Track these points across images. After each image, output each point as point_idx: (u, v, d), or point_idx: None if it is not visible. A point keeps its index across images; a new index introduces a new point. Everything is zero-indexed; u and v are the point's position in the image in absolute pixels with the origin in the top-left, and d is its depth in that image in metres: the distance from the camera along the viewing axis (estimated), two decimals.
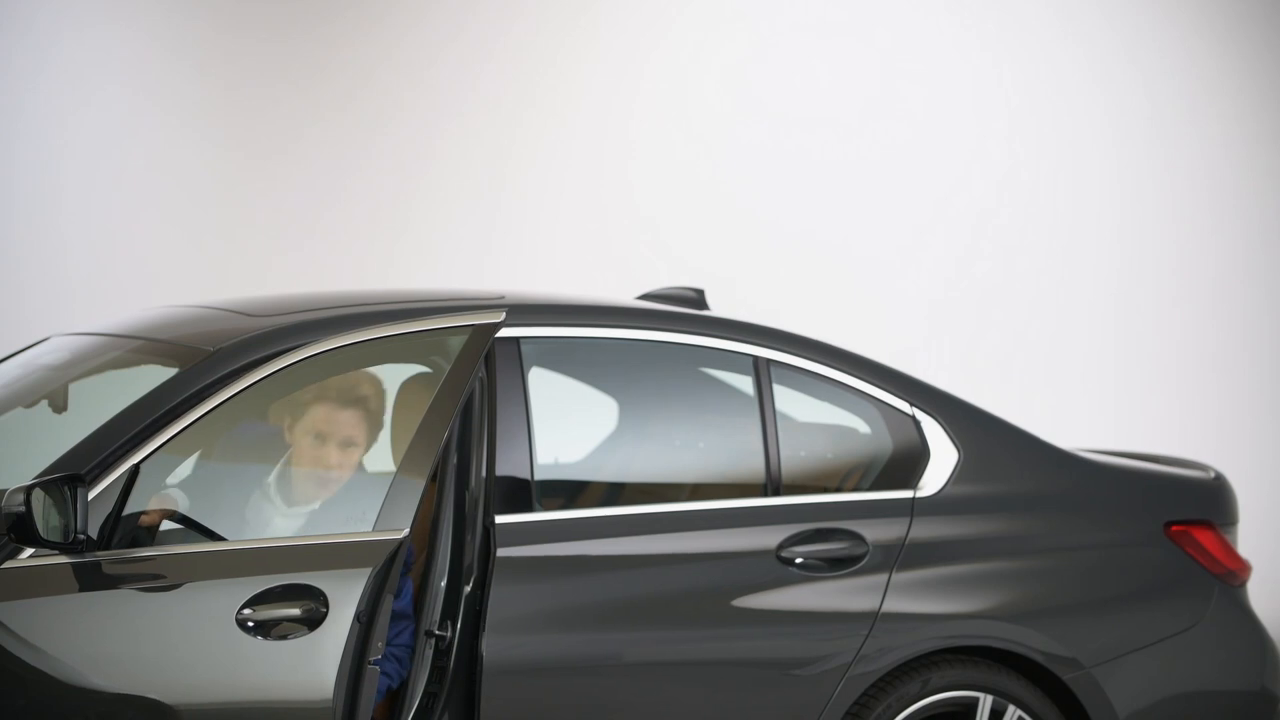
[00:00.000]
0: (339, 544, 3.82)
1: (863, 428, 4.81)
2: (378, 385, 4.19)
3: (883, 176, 8.80)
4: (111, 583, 3.74)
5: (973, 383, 6.30)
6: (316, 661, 3.73)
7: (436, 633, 4.08)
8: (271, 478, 4.06)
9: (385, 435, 4.37)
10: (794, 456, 4.68)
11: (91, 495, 3.75)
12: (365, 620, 3.76)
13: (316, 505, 4.06)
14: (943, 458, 4.72)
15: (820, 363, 4.69)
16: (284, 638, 3.74)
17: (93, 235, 8.77)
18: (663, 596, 4.34)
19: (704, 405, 4.73)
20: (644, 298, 5.14)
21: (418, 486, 3.77)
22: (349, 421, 4.10)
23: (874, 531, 4.56)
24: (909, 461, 4.71)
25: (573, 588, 4.13)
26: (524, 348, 4.32)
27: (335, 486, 4.08)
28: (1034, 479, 4.82)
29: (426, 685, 4.08)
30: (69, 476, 3.69)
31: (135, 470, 3.81)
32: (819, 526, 4.50)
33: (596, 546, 4.28)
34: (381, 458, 4.37)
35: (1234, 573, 4.93)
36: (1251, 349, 8.78)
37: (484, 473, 4.16)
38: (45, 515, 3.63)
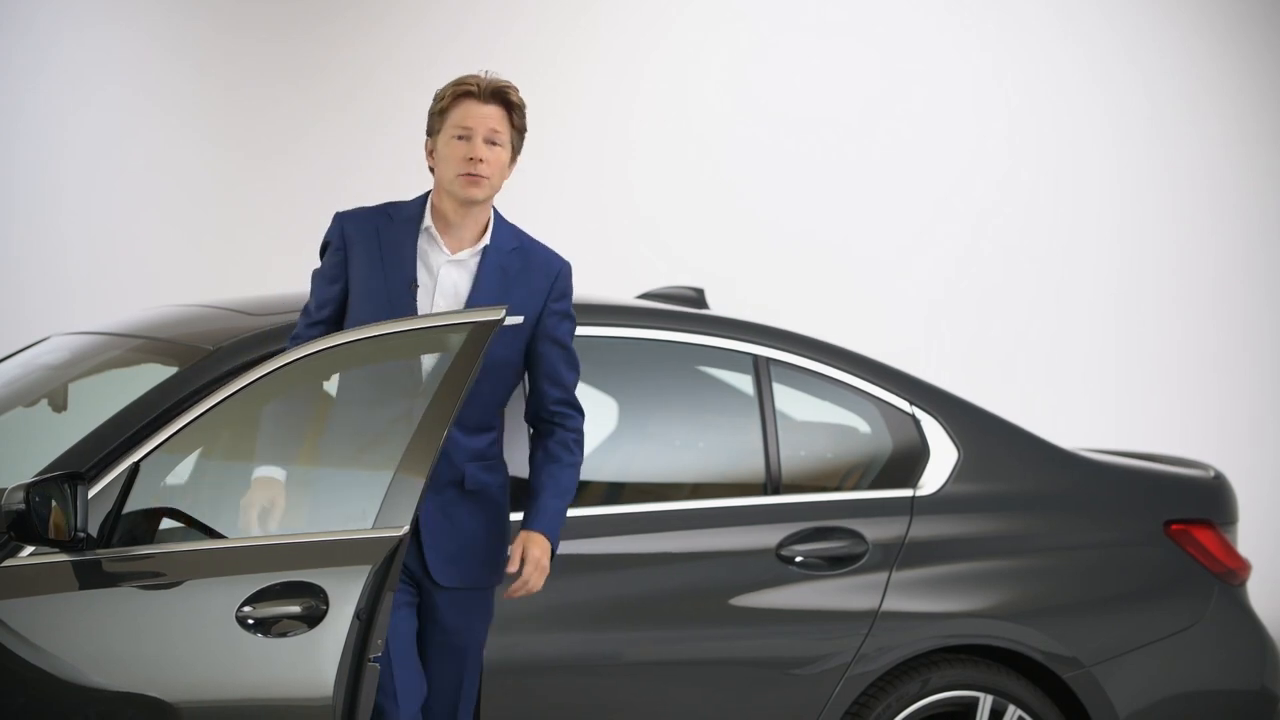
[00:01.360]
0: (339, 541, 3.82)
1: (862, 426, 4.81)
2: (525, 106, 4.02)
3: (883, 176, 8.79)
4: (111, 580, 3.74)
5: (973, 382, 6.29)
6: (316, 659, 3.72)
7: None
8: (427, 223, 4.00)
9: None
10: (794, 455, 4.68)
11: (92, 493, 3.75)
12: (365, 618, 3.75)
13: (484, 241, 3.96)
14: (942, 457, 4.72)
15: (820, 361, 4.70)
16: (284, 635, 3.74)
17: (93, 235, 8.77)
18: (662, 595, 4.34)
19: (704, 404, 4.74)
20: (644, 297, 5.14)
21: (417, 484, 3.77)
22: (491, 116, 3.95)
23: (874, 530, 4.56)
24: (909, 460, 4.72)
25: (572, 586, 4.13)
26: None
27: (486, 189, 3.96)
28: (1034, 478, 4.83)
29: None
30: (69, 475, 3.69)
31: (135, 468, 3.81)
32: (818, 525, 4.50)
33: (596, 545, 4.29)
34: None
35: (1234, 572, 4.93)
36: (1251, 349, 8.78)
37: None
38: (45, 513, 3.63)
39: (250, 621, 3.74)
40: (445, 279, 3.96)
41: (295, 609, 3.76)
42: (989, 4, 8.83)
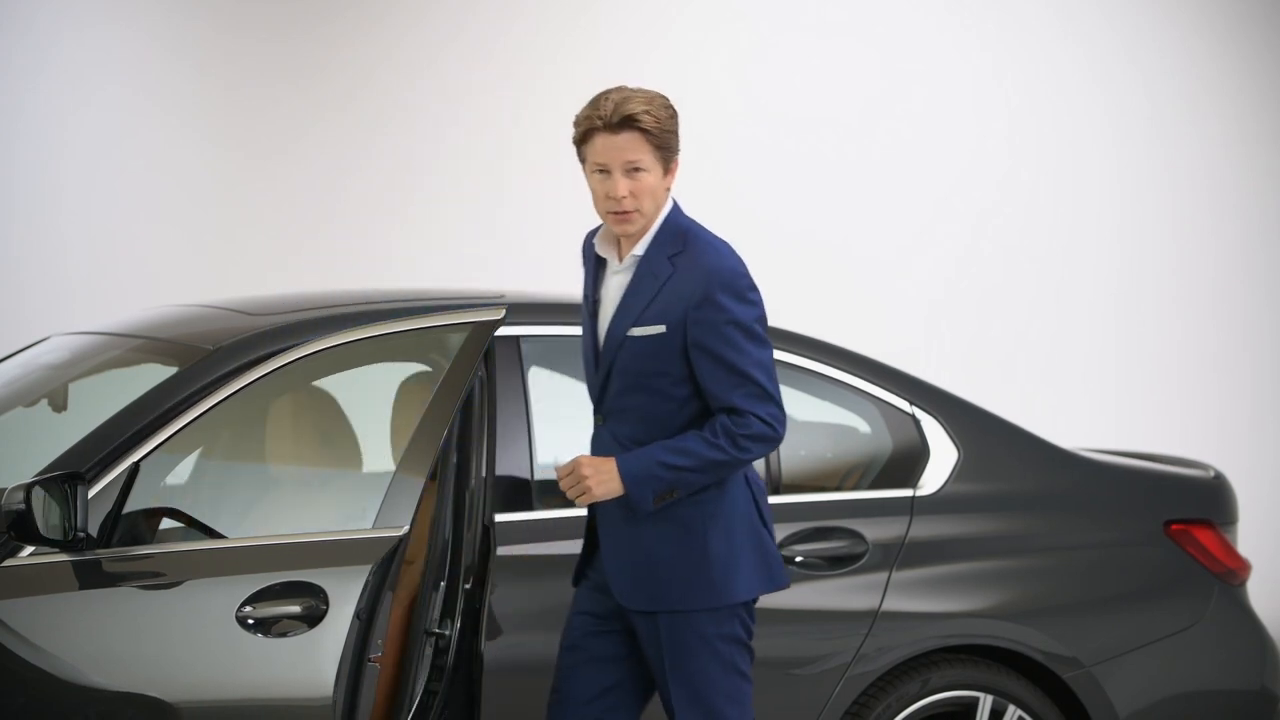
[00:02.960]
0: (339, 541, 3.82)
1: (863, 427, 4.81)
2: (667, 109, 3.86)
3: (883, 176, 8.79)
4: (111, 581, 3.74)
5: (973, 382, 6.29)
6: (316, 659, 3.73)
7: (436, 631, 4.08)
8: (598, 238, 3.93)
9: (385, 433, 4.38)
10: (794, 455, 4.68)
11: (91, 493, 3.75)
12: (365, 618, 3.76)
13: (638, 250, 3.84)
14: (942, 457, 4.72)
15: (820, 361, 4.69)
16: (284, 635, 3.75)
17: (93, 235, 8.77)
18: None
19: None
20: None
21: (417, 484, 3.77)
22: (625, 145, 3.77)
23: (874, 530, 4.56)
24: (909, 460, 4.71)
25: (571, 586, 4.12)
26: (524, 346, 4.33)
27: (637, 221, 3.82)
28: (1034, 478, 4.82)
29: (426, 683, 4.08)
30: (69, 475, 3.69)
31: (135, 468, 3.81)
32: (819, 525, 4.50)
33: None
34: (381, 456, 4.37)
35: (1234, 572, 4.93)
36: (1251, 349, 8.78)
37: (483, 471, 4.16)
38: (45, 513, 3.63)
39: (250, 621, 3.74)
40: (608, 289, 3.90)
41: (295, 609, 3.76)
42: (989, 4, 8.83)
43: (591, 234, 4.02)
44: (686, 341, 3.77)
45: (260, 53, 8.89)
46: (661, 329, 3.78)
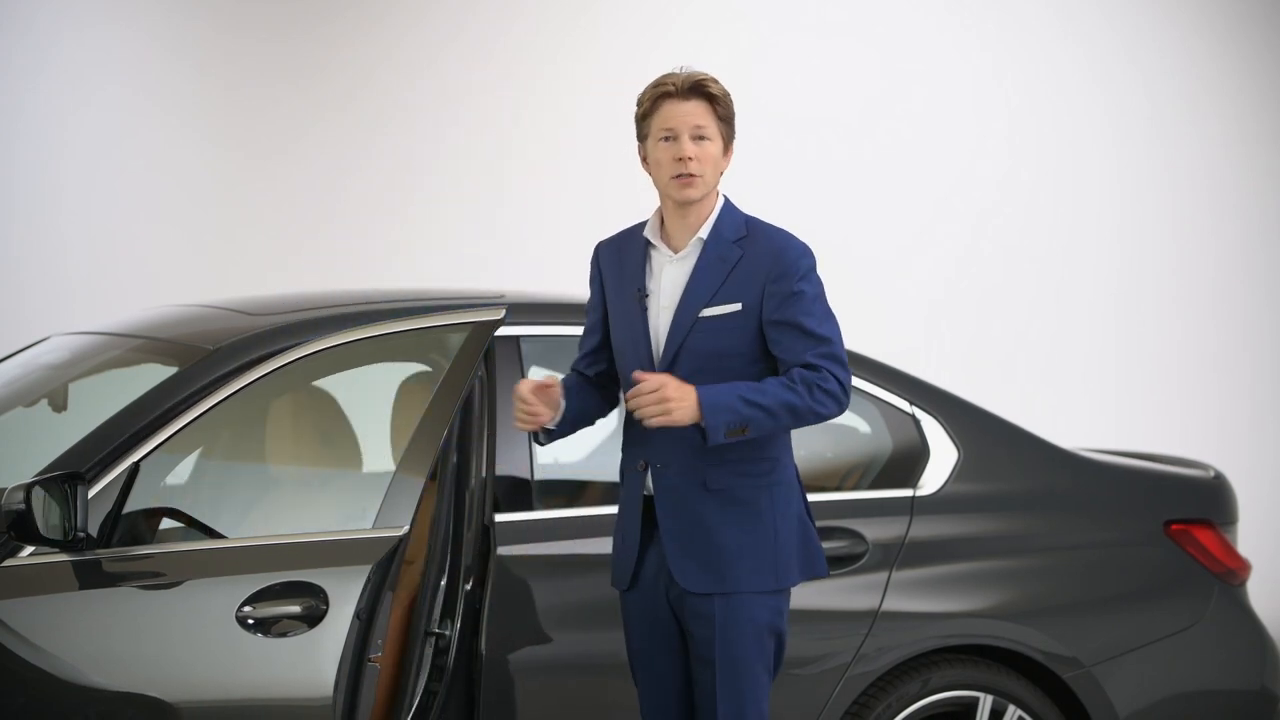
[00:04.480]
0: (339, 541, 3.82)
1: (863, 427, 4.81)
2: (727, 90, 3.96)
3: (882, 176, 8.80)
4: (111, 580, 3.75)
5: (973, 382, 6.29)
6: (316, 659, 3.73)
7: (436, 631, 4.08)
8: (648, 232, 3.96)
9: (385, 433, 4.38)
10: (794, 455, 4.67)
11: (91, 493, 3.75)
12: (365, 617, 3.76)
13: (701, 234, 3.90)
14: (942, 457, 4.72)
15: None
16: (284, 635, 3.75)
17: (93, 235, 8.77)
18: None
19: None
20: None
21: (417, 484, 3.78)
22: (694, 111, 3.88)
23: (874, 530, 4.56)
24: (909, 460, 4.72)
25: (572, 586, 4.12)
26: (524, 346, 4.33)
27: (700, 188, 3.91)
28: (1034, 478, 4.82)
29: (426, 683, 4.08)
30: (69, 475, 3.70)
31: (135, 468, 3.81)
32: (819, 525, 4.49)
33: (596, 545, 4.28)
34: (381, 456, 4.37)
35: (1234, 572, 4.93)
36: (1251, 349, 8.78)
37: (484, 471, 4.16)
38: (45, 513, 3.64)
39: (250, 621, 3.74)
40: (666, 279, 3.92)
41: (295, 609, 3.76)
42: (989, 4, 8.83)
43: (603, 243, 4.04)
44: (762, 318, 3.85)
45: (260, 53, 8.88)
46: (737, 307, 3.86)
